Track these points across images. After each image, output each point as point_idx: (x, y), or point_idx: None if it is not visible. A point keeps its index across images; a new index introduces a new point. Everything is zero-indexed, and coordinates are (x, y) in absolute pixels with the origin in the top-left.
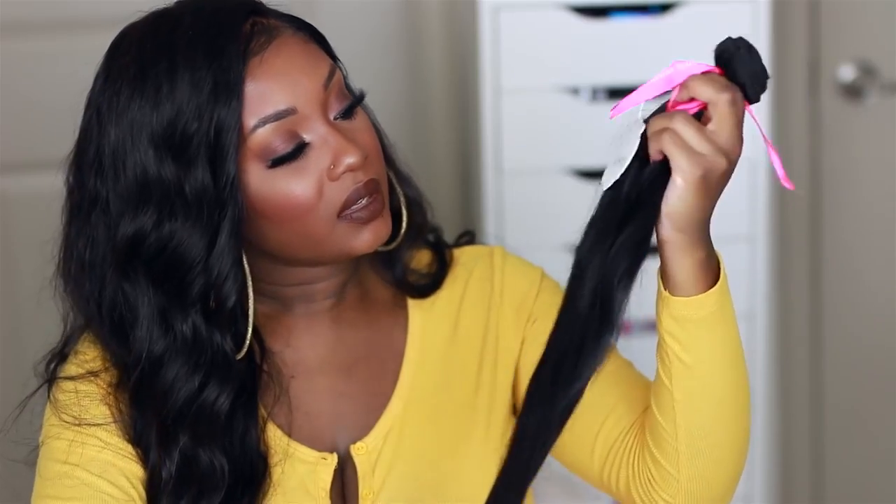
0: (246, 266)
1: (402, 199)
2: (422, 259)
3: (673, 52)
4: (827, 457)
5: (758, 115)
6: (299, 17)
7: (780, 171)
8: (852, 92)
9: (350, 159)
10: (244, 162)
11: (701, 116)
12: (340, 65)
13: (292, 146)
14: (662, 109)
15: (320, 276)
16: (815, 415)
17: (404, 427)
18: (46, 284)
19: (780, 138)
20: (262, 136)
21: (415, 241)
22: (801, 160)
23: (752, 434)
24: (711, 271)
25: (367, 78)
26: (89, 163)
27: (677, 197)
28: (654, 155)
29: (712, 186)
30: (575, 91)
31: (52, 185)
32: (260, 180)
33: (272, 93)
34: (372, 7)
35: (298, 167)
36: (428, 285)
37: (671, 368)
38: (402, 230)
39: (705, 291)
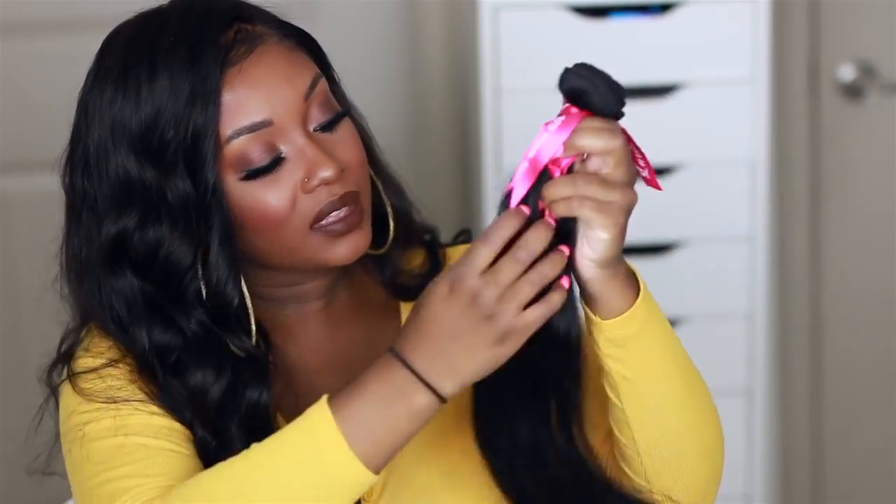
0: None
1: (388, 209)
2: (413, 259)
3: (673, 52)
4: (827, 457)
5: (758, 114)
6: (293, 21)
7: (645, 173)
8: (852, 92)
9: (325, 173)
10: (222, 171)
11: (572, 165)
12: (333, 72)
13: (268, 160)
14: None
15: (307, 277)
16: (815, 415)
17: (404, 458)
18: (47, 284)
19: (780, 138)
20: (238, 147)
21: (405, 247)
22: (801, 160)
23: (752, 434)
24: (631, 282)
25: (367, 78)
26: (77, 162)
27: (605, 247)
28: (556, 215)
29: (628, 219)
30: None
31: (52, 185)
32: (236, 189)
33: (248, 103)
34: (372, 7)
35: (273, 178)
36: (417, 287)
37: (619, 388)
38: (390, 238)
39: (631, 306)
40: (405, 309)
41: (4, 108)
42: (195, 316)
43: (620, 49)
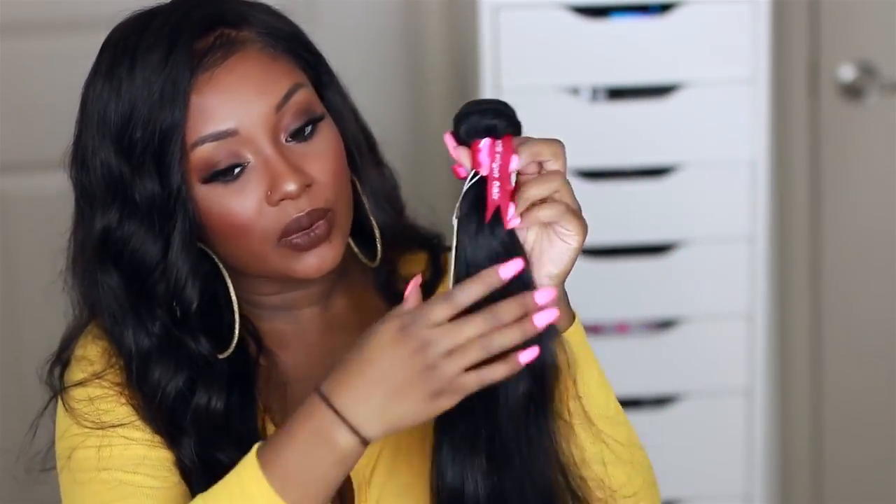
0: (221, 265)
1: (375, 227)
2: (415, 266)
3: (673, 52)
4: (827, 457)
5: (758, 114)
6: (287, 22)
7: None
8: (852, 92)
9: (287, 187)
10: (188, 175)
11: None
12: (325, 78)
13: (226, 165)
14: (476, 194)
15: (295, 285)
16: (815, 415)
17: (400, 441)
18: (48, 284)
19: (780, 138)
20: (203, 153)
21: (402, 253)
22: (801, 160)
23: (752, 434)
24: (570, 313)
25: (367, 78)
26: (76, 156)
27: (569, 259)
28: (530, 225)
29: None
30: (575, 91)
31: (53, 185)
32: (203, 194)
33: (215, 111)
34: (372, 7)
35: (239, 187)
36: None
37: None
38: (378, 253)
39: (565, 330)
40: None
41: (4, 108)
42: (159, 317)
43: (620, 49)
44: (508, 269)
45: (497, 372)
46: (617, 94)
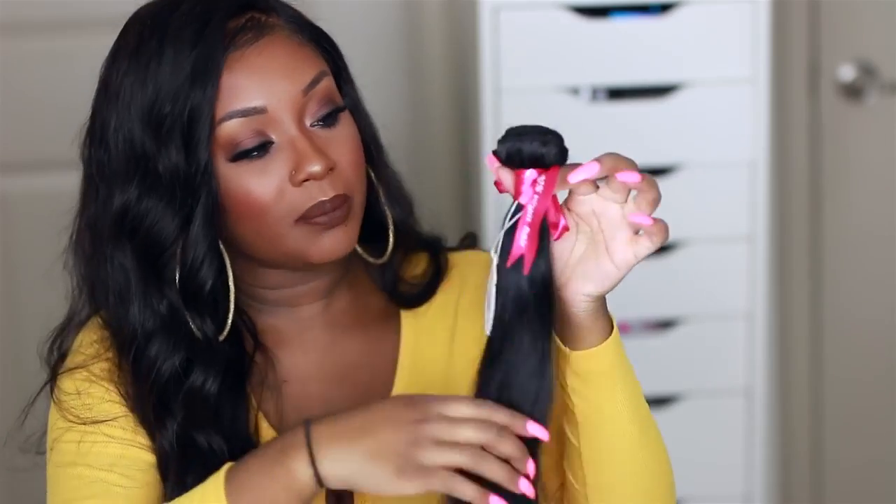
0: (224, 253)
1: (389, 219)
2: (416, 266)
3: (673, 52)
4: (827, 457)
5: (758, 114)
6: (307, 17)
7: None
8: (852, 92)
9: (312, 167)
10: (214, 151)
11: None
12: (347, 74)
13: (254, 143)
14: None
15: (301, 279)
16: (815, 415)
17: None
18: (49, 268)
19: (780, 138)
20: (230, 130)
21: (406, 253)
22: (801, 160)
23: (752, 434)
24: (608, 318)
25: (367, 78)
26: (94, 134)
27: (613, 281)
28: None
29: None
30: (575, 91)
31: (52, 185)
32: (226, 172)
33: (245, 89)
34: (372, 7)
35: (262, 166)
36: (418, 295)
37: (579, 428)
38: (389, 248)
39: (604, 341)
40: (405, 317)
41: (4, 108)
42: (167, 296)
43: (620, 49)
44: (535, 429)
45: (467, 490)
46: (617, 94)
